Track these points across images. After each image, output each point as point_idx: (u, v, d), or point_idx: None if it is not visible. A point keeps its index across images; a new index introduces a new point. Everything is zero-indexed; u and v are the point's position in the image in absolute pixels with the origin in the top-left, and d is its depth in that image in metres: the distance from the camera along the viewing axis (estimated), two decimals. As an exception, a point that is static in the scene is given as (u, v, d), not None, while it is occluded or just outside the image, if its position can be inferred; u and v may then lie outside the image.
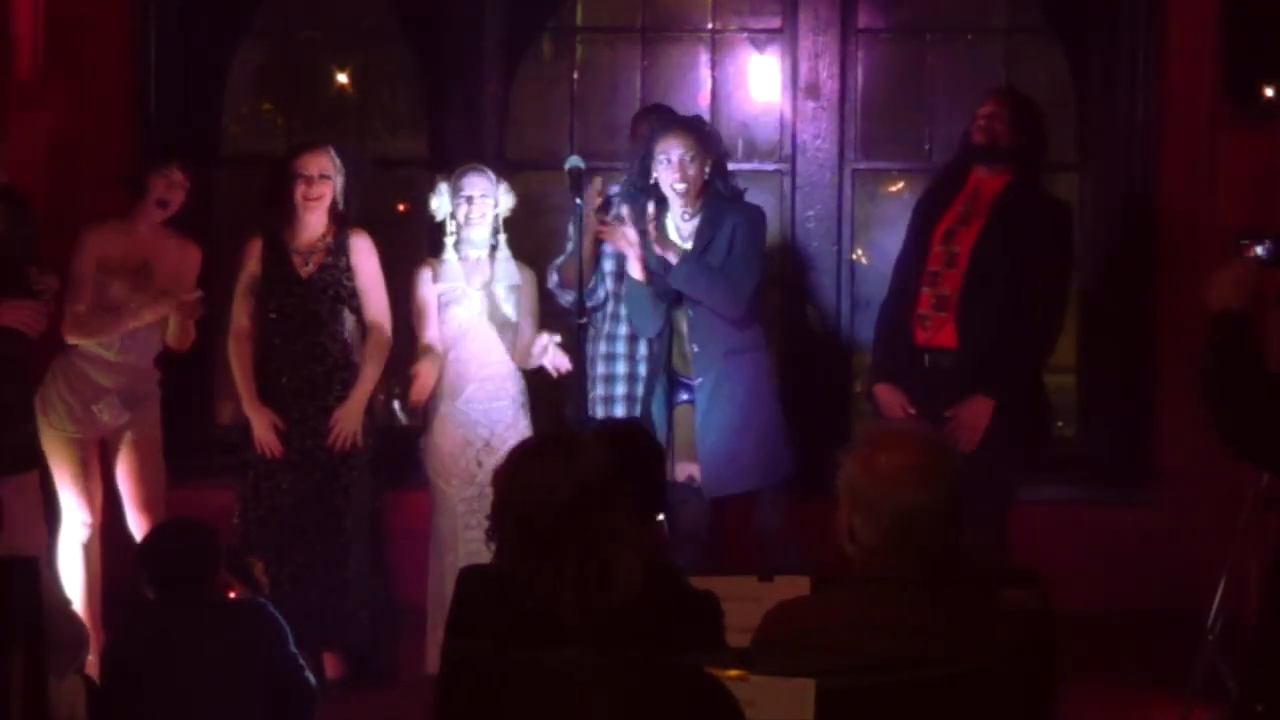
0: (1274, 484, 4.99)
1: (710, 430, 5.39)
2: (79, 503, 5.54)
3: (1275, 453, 3.54)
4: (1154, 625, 6.04)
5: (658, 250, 5.40)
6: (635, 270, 5.44)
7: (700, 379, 5.41)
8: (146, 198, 5.56)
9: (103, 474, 5.64)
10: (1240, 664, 4.79)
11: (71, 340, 5.50)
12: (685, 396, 5.48)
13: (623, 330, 5.77)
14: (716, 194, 5.44)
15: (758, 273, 5.49)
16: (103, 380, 5.53)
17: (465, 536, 5.57)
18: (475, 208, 5.62)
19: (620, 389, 5.76)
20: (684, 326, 5.45)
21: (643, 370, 5.72)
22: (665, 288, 5.43)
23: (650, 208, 5.44)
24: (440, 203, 5.67)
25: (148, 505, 5.60)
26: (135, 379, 5.61)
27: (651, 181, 5.43)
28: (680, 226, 5.48)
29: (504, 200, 5.69)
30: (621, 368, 5.77)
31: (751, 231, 5.48)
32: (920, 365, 5.32)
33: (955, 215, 5.34)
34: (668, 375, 5.50)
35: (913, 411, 5.27)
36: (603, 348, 5.79)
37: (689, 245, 5.42)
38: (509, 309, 5.66)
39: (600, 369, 5.79)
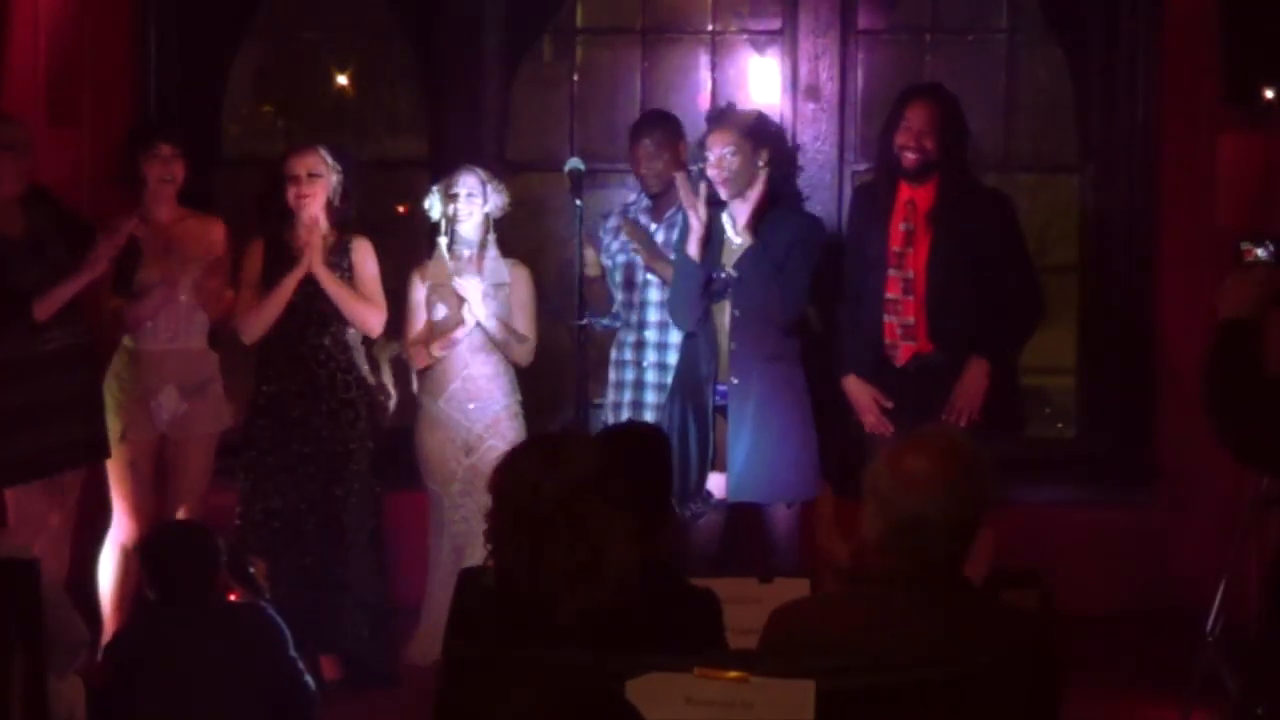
0: (1274, 484, 4.99)
1: (743, 434, 5.23)
2: (123, 505, 5.53)
3: (1274, 453, 3.55)
4: (1154, 625, 6.04)
5: (734, 235, 5.26)
6: (693, 247, 5.25)
7: (736, 381, 5.25)
8: (149, 183, 5.53)
9: (155, 479, 5.59)
10: (1240, 664, 4.80)
11: (120, 335, 5.49)
12: (717, 402, 5.30)
13: (630, 338, 5.76)
14: (773, 197, 5.31)
15: (809, 283, 5.32)
16: (157, 373, 5.50)
17: (450, 531, 5.61)
18: (463, 206, 5.64)
19: (627, 395, 5.75)
20: (725, 323, 5.30)
21: (650, 377, 5.66)
22: (715, 279, 5.28)
23: (703, 188, 5.30)
24: (433, 202, 5.68)
25: (191, 500, 5.55)
26: (189, 365, 5.57)
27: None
28: (736, 230, 5.31)
29: (494, 199, 5.69)
30: (629, 374, 5.75)
31: (811, 242, 5.33)
32: (895, 370, 5.35)
33: (900, 235, 5.31)
34: (696, 380, 5.31)
35: (889, 405, 5.31)
36: (612, 354, 5.79)
37: (736, 250, 5.29)
38: (497, 308, 5.66)
39: (611, 375, 5.79)
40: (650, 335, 5.71)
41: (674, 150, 5.71)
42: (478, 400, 5.67)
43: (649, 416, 5.57)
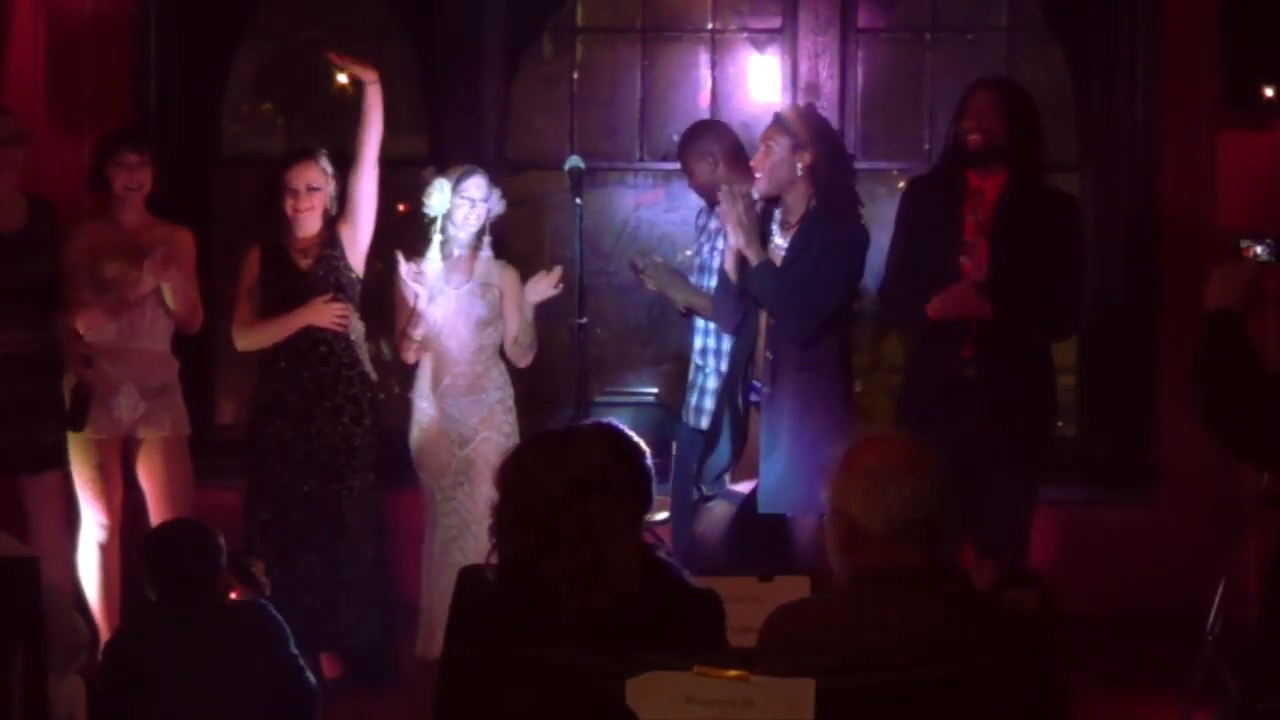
0: (1274, 482, 4.99)
1: (776, 446, 5.12)
2: (95, 504, 5.52)
3: (1270, 450, 3.55)
4: (1154, 625, 6.04)
5: (741, 244, 5.12)
6: (729, 261, 5.16)
7: (769, 390, 5.13)
8: (114, 189, 5.51)
9: (123, 475, 5.60)
10: (1240, 664, 4.80)
11: (82, 331, 5.48)
12: (753, 399, 5.20)
13: (699, 343, 5.74)
14: (817, 205, 5.16)
15: (836, 299, 5.17)
16: (118, 373, 5.49)
17: (442, 524, 5.60)
18: (475, 210, 5.65)
19: (694, 399, 5.74)
20: (763, 327, 5.18)
21: (712, 383, 5.60)
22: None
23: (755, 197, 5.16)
24: (440, 200, 5.67)
25: (173, 507, 5.52)
26: (150, 367, 5.56)
27: None
28: (778, 231, 5.20)
29: (496, 205, 5.71)
30: (700, 378, 5.74)
31: (843, 256, 5.16)
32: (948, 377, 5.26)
33: (972, 225, 5.23)
34: (744, 379, 5.20)
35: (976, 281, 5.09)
36: (693, 356, 5.81)
37: (780, 252, 5.17)
38: (484, 307, 5.67)
39: (690, 374, 5.82)
40: (710, 342, 5.69)
41: (716, 159, 5.66)
42: (471, 395, 5.68)
43: (706, 420, 5.53)
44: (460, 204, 5.65)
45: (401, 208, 6.98)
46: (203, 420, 6.01)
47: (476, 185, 5.66)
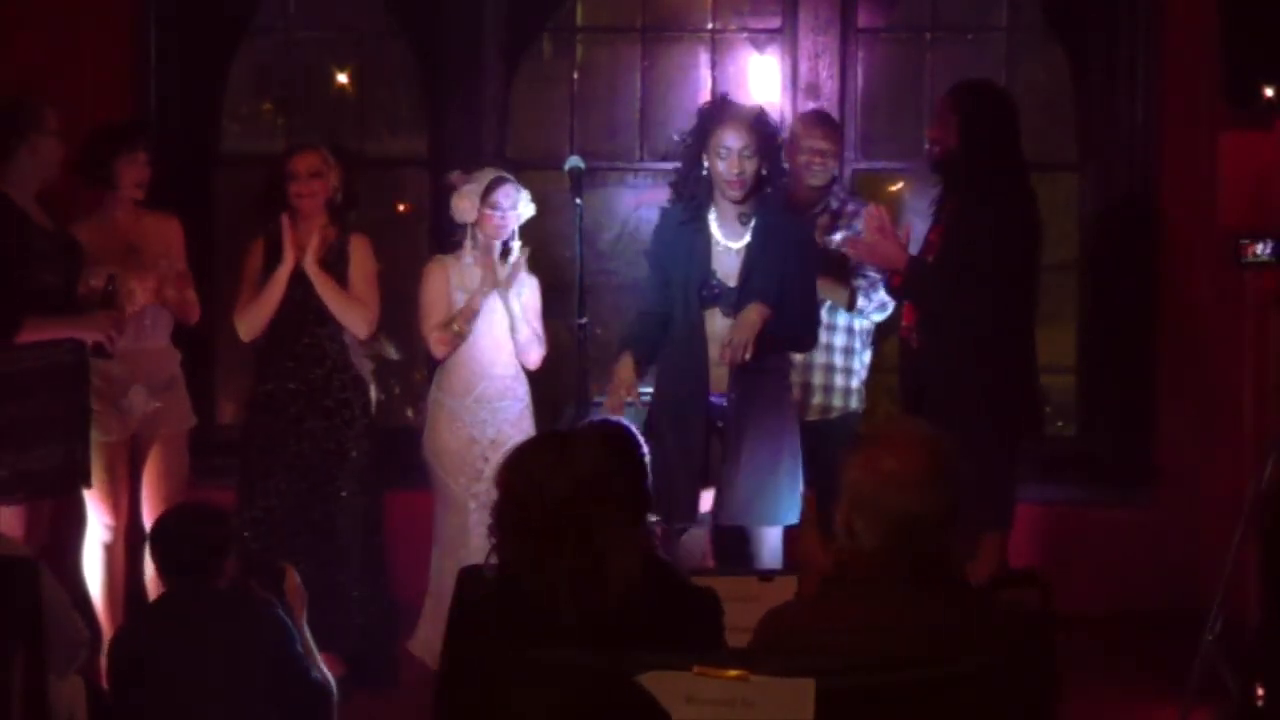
0: (1274, 480, 5.00)
1: (739, 452, 5.07)
2: (102, 505, 5.47)
3: None
4: (1154, 625, 6.04)
5: (722, 238, 5.16)
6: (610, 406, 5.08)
7: (734, 396, 5.06)
8: (121, 186, 5.45)
9: (130, 475, 5.56)
10: (1240, 664, 4.81)
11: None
12: (710, 414, 5.12)
13: (839, 341, 5.85)
14: (767, 201, 5.16)
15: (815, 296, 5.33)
16: (125, 374, 5.45)
17: (475, 533, 5.57)
18: (508, 219, 5.63)
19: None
20: (716, 331, 5.10)
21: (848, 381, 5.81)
22: (705, 287, 5.14)
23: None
24: (470, 209, 5.64)
25: (168, 500, 5.47)
26: (156, 362, 5.54)
27: (703, 173, 5.14)
28: (726, 233, 5.18)
29: (525, 210, 5.70)
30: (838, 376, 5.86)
31: (810, 253, 5.29)
32: (911, 352, 5.28)
33: (936, 233, 5.25)
34: (682, 393, 5.15)
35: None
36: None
37: (740, 247, 5.15)
38: (516, 311, 5.68)
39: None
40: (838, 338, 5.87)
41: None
42: (503, 399, 5.69)
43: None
44: (489, 214, 5.63)
45: (402, 207, 7.00)
46: (203, 420, 5.99)
47: (505, 194, 5.63)
